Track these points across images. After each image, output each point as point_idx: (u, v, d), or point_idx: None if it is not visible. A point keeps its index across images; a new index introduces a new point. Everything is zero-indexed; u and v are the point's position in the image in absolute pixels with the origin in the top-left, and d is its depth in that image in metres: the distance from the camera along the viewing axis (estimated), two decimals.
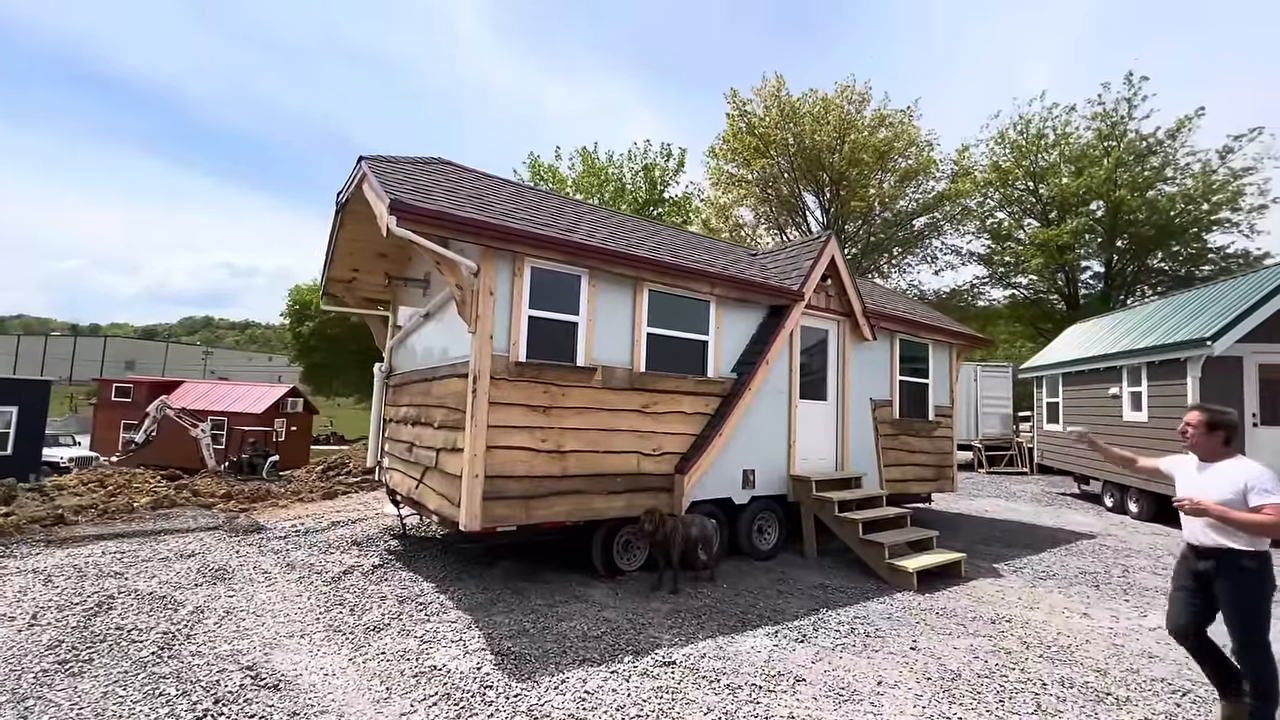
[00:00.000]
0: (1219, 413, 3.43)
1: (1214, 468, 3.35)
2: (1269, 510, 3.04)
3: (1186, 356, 9.16)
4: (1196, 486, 3.34)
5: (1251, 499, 3.11)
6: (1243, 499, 3.13)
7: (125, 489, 9.57)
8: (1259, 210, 23.97)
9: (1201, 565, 3.31)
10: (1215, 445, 3.39)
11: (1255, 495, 3.11)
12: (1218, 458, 3.38)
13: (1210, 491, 3.24)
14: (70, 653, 3.99)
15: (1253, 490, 3.12)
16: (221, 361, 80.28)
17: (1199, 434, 3.41)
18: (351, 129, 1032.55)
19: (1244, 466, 3.25)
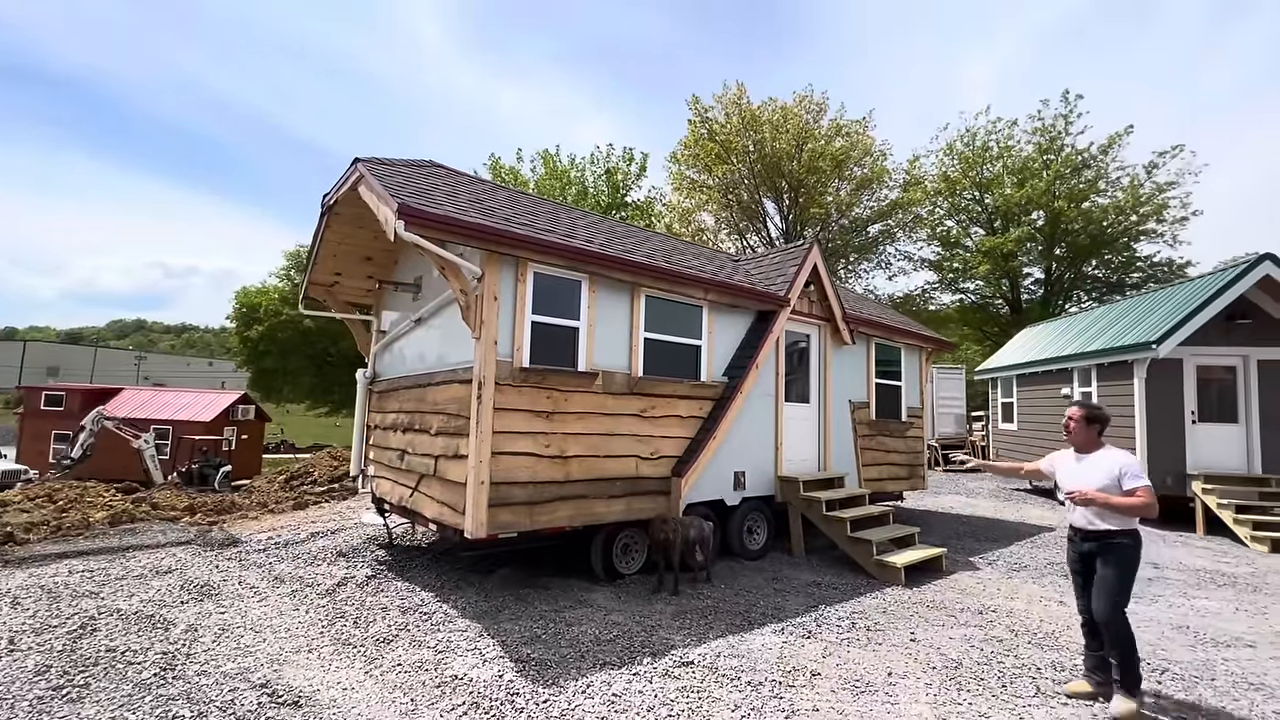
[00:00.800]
0: (1095, 408, 3.86)
1: (1090, 458, 3.76)
2: (1140, 493, 3.48)
3: (1133, 359, 9.84)
4: (1077, 476, 3.74)
5: (1125, 483, 3.54)
6: (1117, 484, 3.56)
7: (77, 504, 9.00)
8: (1181, 222, 25.84)
9: (1085, 547, 3.72)
10: (1092, 437, 3.79)
11: (1128, 480, 3.54)
12: (1093, 449, 3.79)
13: (1089, 479, 3.64)
14: (63, 678, 3.77)
15: (1125, 475, 3.55)
16: (157, 367, 75.93)
17: (1080, 427, 3.80)
18: (300, 126, 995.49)
19: (1115, 455, 3.68)
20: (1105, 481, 3.58)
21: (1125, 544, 3.59)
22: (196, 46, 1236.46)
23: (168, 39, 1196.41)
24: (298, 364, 34.43)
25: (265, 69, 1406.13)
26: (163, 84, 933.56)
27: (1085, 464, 3.75)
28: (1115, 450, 3.74)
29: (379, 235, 7.00)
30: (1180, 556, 7.84)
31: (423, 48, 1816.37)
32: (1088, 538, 3.71)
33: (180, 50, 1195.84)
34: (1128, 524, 3.58)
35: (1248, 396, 9.71)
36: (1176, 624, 5.27)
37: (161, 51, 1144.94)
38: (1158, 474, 9.60)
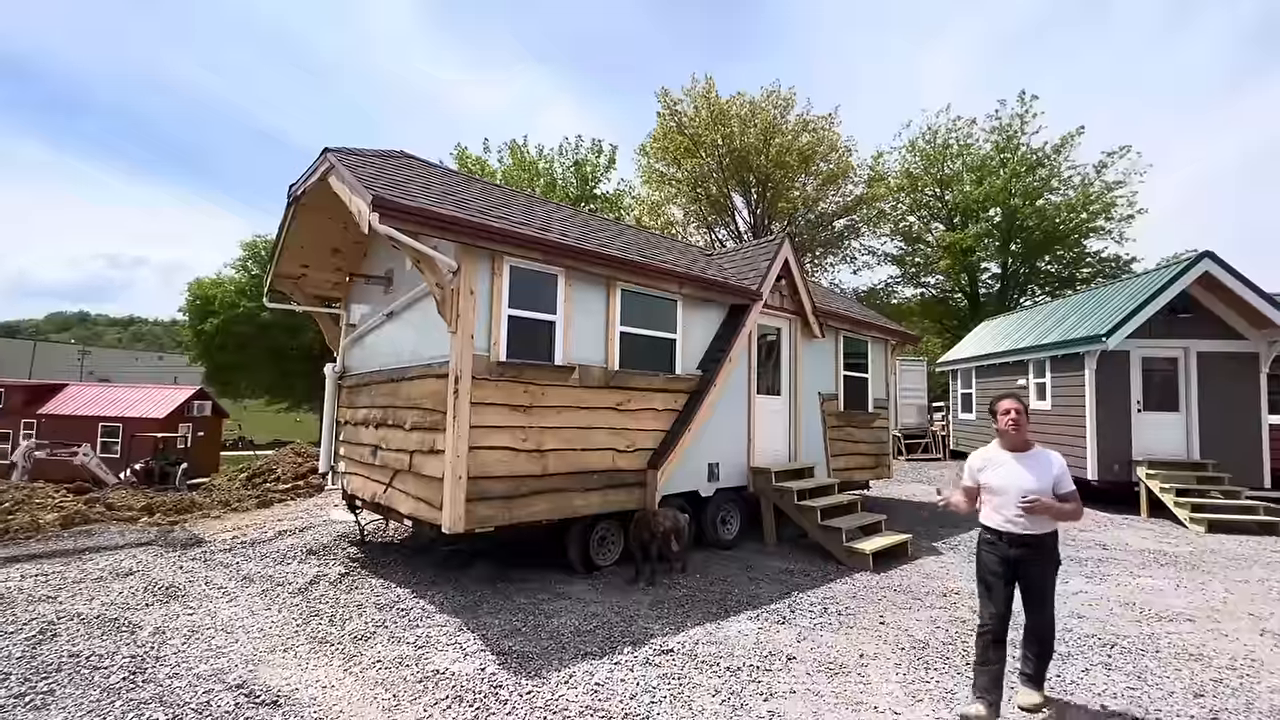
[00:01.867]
0: (1026, 399, 3.75)
1: (1027, 459, 3.45)
2: (1074, 499, 3.38)
3: (1084, 351, 10.31)
4: (1016, 479, 3.41)
5: (1061, 486, 3.37)
6: (1051, 482, 3.36)
7: (25, 506, 8.59)
8: (1128, 219, 27.07)
9: (1015, 552, 3.41)
10: (1026, 433, 3.51)
11: (1065, 483, 3.38)
12: (1027, 446, 3.50)
13: (1025, 481, 3.37)
14: (24, 685, 3.64)
15: (1062, 478, 3.39)
16: (102, 361, 72.43)
17: (1023, 420, 3.48)
18: (256, 113, 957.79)
19: (1052, 456, 3.47)
20: (1042, 484, 3.34)
21: (1053, 547, 3.47)
22: (138, 22, 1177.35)
23: (107, 12, 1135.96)
24: (255, 358, 33.30)
25: (218, 51, 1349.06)
26: (106, 62, 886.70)
27: (1023, 464, 3.43)
28: (1048, 450, 3.50)
29: (348, 227, 6.86)
30: (1126, 538, 8.29)
31: (383, 31, 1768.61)
32: (1018, 543, 3.40)
33: (118, 23, 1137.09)
34: (1053, 526, 3.44)
35: (1188, 386, 10.28)
36: (1124, 601, 5.59)
37: (98, 23, 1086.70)
38: (1106, 461, 10.11)
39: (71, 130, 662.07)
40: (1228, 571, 6.69)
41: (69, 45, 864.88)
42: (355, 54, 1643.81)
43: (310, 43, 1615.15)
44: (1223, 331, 10.34)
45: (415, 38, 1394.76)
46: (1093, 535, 8.42)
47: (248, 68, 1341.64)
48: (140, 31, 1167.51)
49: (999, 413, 3.52)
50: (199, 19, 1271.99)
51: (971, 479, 3.65)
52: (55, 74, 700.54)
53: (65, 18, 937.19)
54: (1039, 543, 3.41)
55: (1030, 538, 3.39)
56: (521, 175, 28.06)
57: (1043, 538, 3.41)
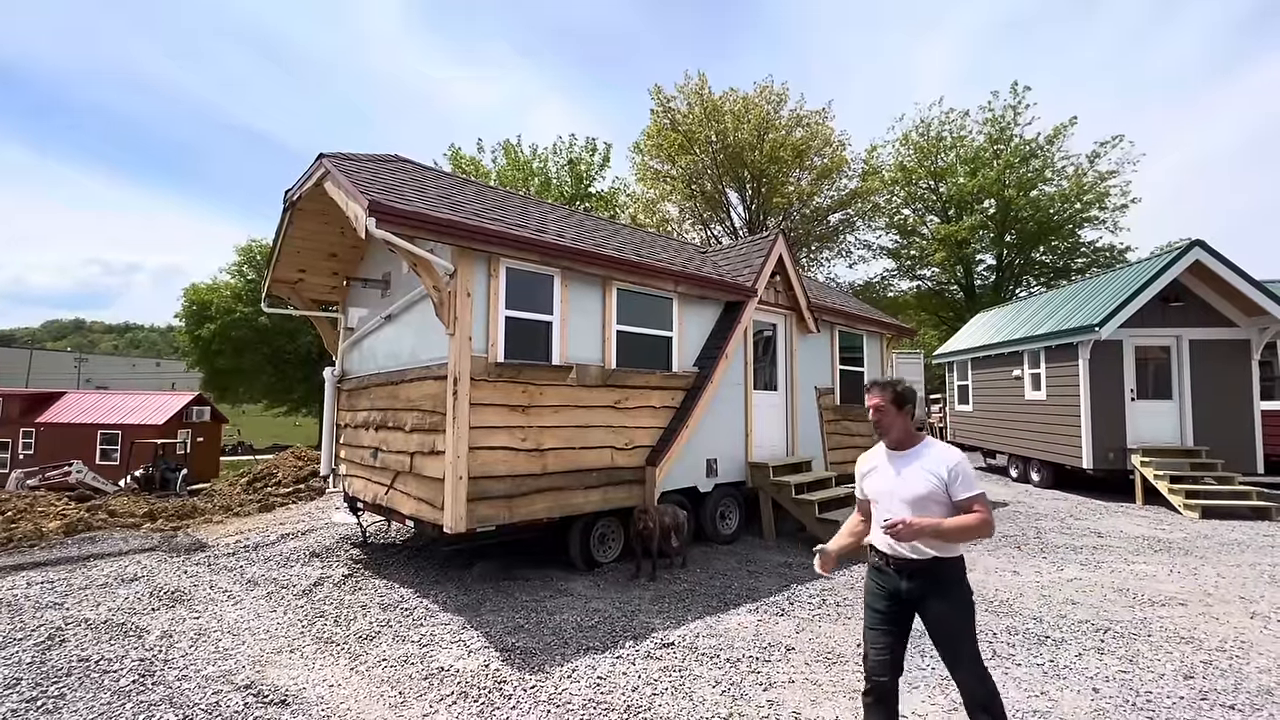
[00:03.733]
0: (899, 383, 2.78)
1: (908, 456, 2.68)
2: (977, 507, 2.51)
3: (1078, 341, 10.39)
4: (890, 483, 2.67)
5: (958, 492, 2.53)
6: (944, 492, 2.54)
7: (28, 514, 8.63)
8: (1121, 209, 27.16)
9: (906, 585, 2.59)
10: (906, 426, 2.73)
11: (962, 488, 2.53)
12: (910, 442, 2.71)
13: (910, 486, 2.61)
14: (35, 689, 3.69)
15: (957, 481, 2.54)
16: (100, 368, 72.34)
17: (890, 414, 2.71)
18: (248, 117, 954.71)
19: (942, 452, 2.64)
20: (930, 488, 2.56)
21: (959, 576, 2.59)
22: (128, 26, 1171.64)
23: (98, 18, 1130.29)
24: (253, 363, 33.33)
25: (211, 55, 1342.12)
26: (99, 68, 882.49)
27: (904, 465, 2.66)
28: (940, 446, 2.67)
29: (345, 231, 6.91)
30: (1121, 525, 8.38)
31: (375, 32, 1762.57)
32: (908, 570, 2.58)
33: (111, 29, 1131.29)
34: (954, 550, 2.60)
35: (1180, 374, 10.37)
36: (1118, 587, 5.67)
37: (90, 30, 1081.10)
38: (1101, 449, 10.20)
39: (57, 135, 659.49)
40: (1220, 556, 6.78)
41: (51, 47, 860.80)
42: (348, 54, 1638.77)
43: (301, 44, 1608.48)
44: (1214, 319, 10.43)
45: (406, 37, 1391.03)
46: (1087, 523, 8.51)
47: (238, 70, 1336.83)
48: (126, 34, 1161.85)
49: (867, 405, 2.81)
50: (187, 22, 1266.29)
51: (860, 490, 2.87)
52: (40, 78, 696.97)
53: (46, 18, 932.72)
54: (934, 571, 2.56)
55: (923, 565, 2.56)
56: (516, 175, 28.07)
57: (939, 565, 2.56)
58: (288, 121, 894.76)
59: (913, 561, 2.58)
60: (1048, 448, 11.34)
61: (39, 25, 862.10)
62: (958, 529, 2.47)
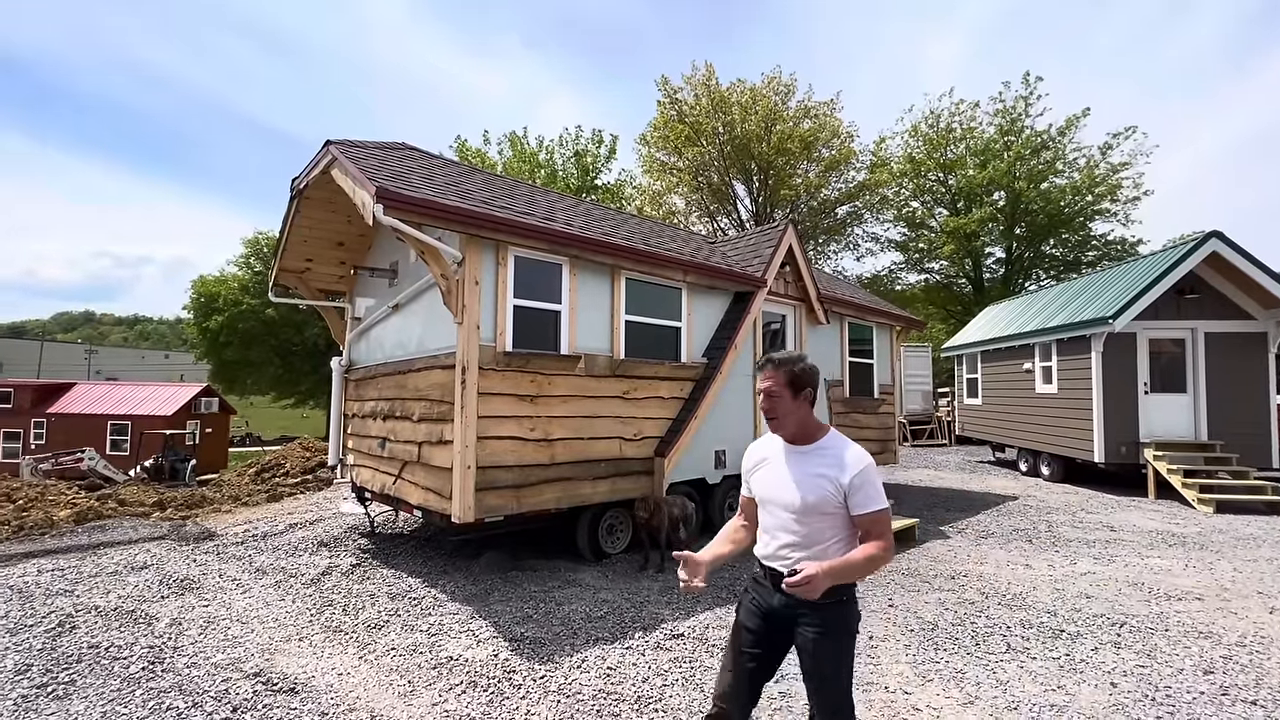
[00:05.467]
0: (798, 362, 2.18)
1: (806, 454, 2.17)
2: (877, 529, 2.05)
3: (1091, 333, 10.26)
4: (780, 485, 2.18)
5: (859, 504, 2.05)
6: (841, 500, 2.07)
7: (39, 503, 8.68)
8: (1134, 201, 26.82)
9: (780, 601, 2.14)
10: (805, 415, 2.19)
11: (864, 500, 2.05)
12: (808, 436, 2.19)
13: (799, 491, 2.12)
14: (46, 675, 3.69)
15: (859, 491, 2.05)
16: (109, 360, 72.93)
17: (785, 400, 2.16)
18: (254, 108, 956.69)
19: (845, 453, 2.12)
20: (818, 497, 2.08)
21: (841, 599, 2.10)
22: (139, 21, 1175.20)
23: (112, 15, 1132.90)
24: (261, 355, 33.49)
25: (217, 47, 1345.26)
26: (110, 64, 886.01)
27: (796, 466, 2.16)
28: (845, 445, 2.16)
29: (352, 220, 6.87)
30: (1134, 519, 8.29)
31: (381, 23, 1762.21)
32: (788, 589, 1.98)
33: (121, 24, 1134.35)
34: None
35: (1195, 367, 10.23)
36: (1132, 581, 5.60)
37: (103, 26, 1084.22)
38: (1113, 443, 10.09)
39: (70, 130, 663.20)
40: (1236, 551, 6.69)
41: (61, 42, 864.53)
42: (354, 45, 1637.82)
43: (307, 36, 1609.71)
44: (1231, 312, 10.28)
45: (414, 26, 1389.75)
46: (1100, 517, 8.43)
47: (242, 62, 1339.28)
48: (134, 28, 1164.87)
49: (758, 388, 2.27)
50: (194, 14, 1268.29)
51: (745, 486, 2.38)
52: (60, 76, 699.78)
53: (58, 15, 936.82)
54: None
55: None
56: (522, 167, 27.97)
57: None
58: (293, 113, 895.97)
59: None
60: (1058, 441, 11.23)
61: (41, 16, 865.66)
62: (867, 563, 1.99)
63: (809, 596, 1.92)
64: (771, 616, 2.18)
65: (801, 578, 1.89)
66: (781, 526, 2.17)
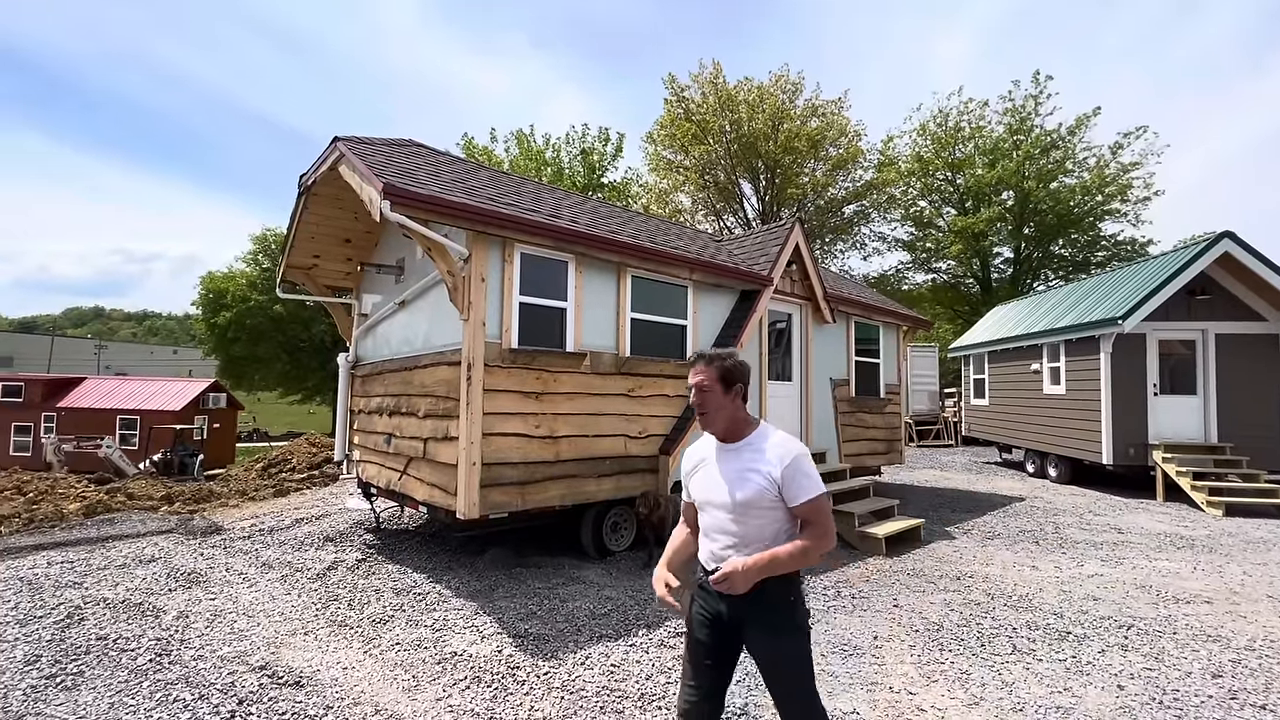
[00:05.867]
0: (728, 356, 2.18)
1: (738, 450, 2.13)
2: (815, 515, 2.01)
3: (1100, 334, 10.19)
4: (719, 487, 2.12)
5: (795, 493, 2.01)
6: (776, 492, 2.03)
7: (48, 496, 8.77)
8: (1144, 201, 26.62)
9: (726, 607, 2.09)
10: (735, 410, 2.16)
11: (798, 484, 2.01)
12: (739, 432, 2.16)
13: (734, 489, 2.08)
14: (55, 666, 3.73)
15: (794, 480, 2.01)
16: (118, 355, 73.43)
17: (716, 395, 2.13)
18: (263, 105, 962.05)
19: (776, 444, 2.10)
20: (755, 492, 2.04)
21: (788, 599, 2.07)
22: (152, 20, 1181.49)
23: (122, 13, 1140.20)
24: (268, 351, 33.62)
25: (227, 45, 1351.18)
26: (123, 62, 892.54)
27: (730, 464, 2.13)
28: (776, 436, 2.13)
29: (359, 216, 6.89)
30: (1142, 522, 8.23)
31: (391, 23, 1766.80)
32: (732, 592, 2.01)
33: (134, 23, 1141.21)
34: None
35: (1206, 369, 10.14)
36: (1140, 584, 5.55)
37: (115, 25, 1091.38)
38: (1121, 445, 10.01)
39: (83, 128, 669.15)
40: (1246, 554, 6.63)
41: (69, 38, 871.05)
42: (364, 44, 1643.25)
43: (316, 33, 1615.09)
44: (1242, 313, 10.18)
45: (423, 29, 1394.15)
46: (1107, 519, 8.37)
47: (256, 61, 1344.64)
48: (145, 25, 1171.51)
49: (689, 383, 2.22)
50: (204, 13, 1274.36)
51: (685, 491, 2.34)
52: (73, 73, 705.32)
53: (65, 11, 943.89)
54: (770, 586, 2.01)
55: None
56: (529, 165, 27.99)
57: (765, 583, 2.00)
58: (303, 111, 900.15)
59: None
60: (1066, 442, 11.16)
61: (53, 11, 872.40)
62: (797, 556, 1.96)
63: (733, 592, 1.95)
64: (720, 622, 2.13)
65: (721, 574, 1.92)
66: (719, 527, 2.12)
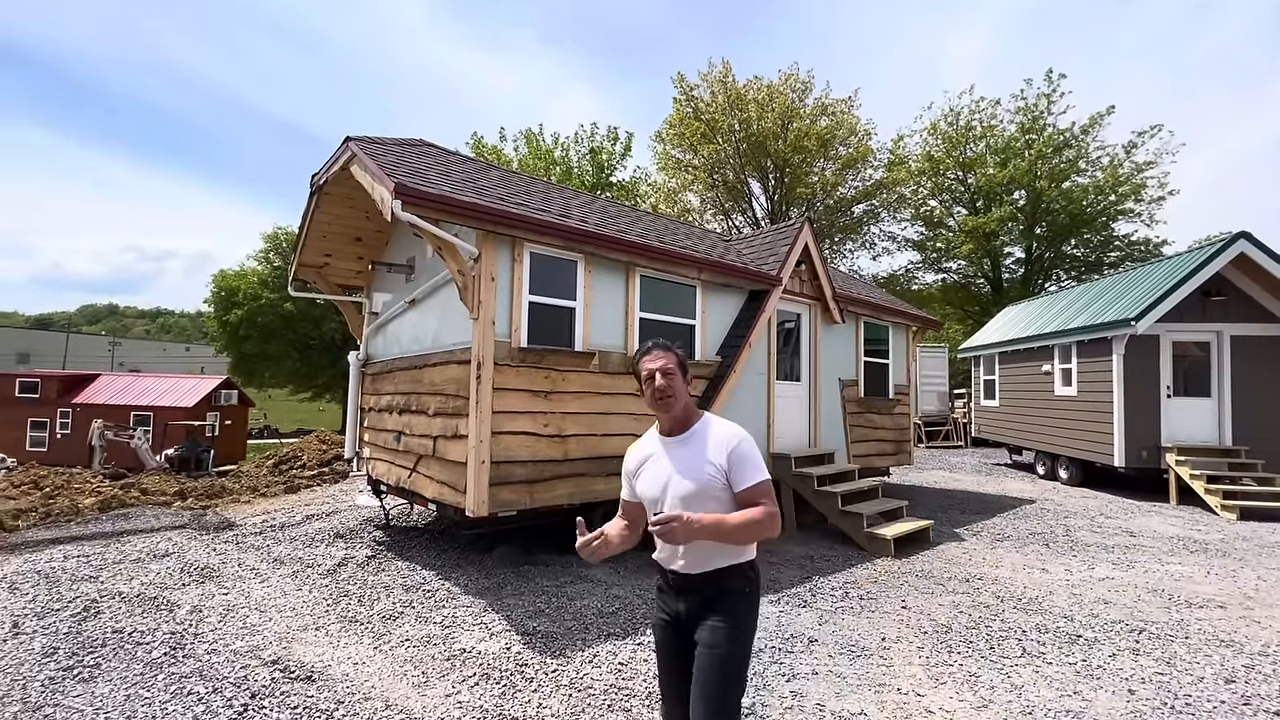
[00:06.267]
0: (678, 346, 2.18)
1: (686, 441, 2.08)
2: (763, 500, 1.95)
3: (1112, 335, 10.09)
4: (662, 476, 2.06)
5: (741, 478, 1.97)
6: (723, 479, 1.99)
7: (64, 490, 8.89)
8: (1158, 201, 26.30)
9: (683, 606, 2.03)
10: (688, 398, 2.14)
11: (743, 470, 1.98)
12: (689, 421, 2.11)
13: (686, 480, 2.01)
14: (72, 659, 3.79)
15: (740, 463, 1.98)
16: (131, 353, 74.32)
17: (678, 380, 2.09)
18: (274, 106, 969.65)
19: (722, 431, 2.07)
20: (706, 480, 1.99)
21: (743, 591, 2.01)
22: (167, 21, 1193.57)
23: (137, 13, 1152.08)
24: (279, 348, 33.91)
25: (239, 46, 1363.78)
26: (138, 63, 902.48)
27: (680, 455, 2.06)
28: (719, 424, 2.10)
29: (370, 215, 6.94)
30: (1155, 525, 8.15)
31: (399, 21, 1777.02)
32: (686, 586, 2.03)
33: (149, 24, 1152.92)
34: (744, 554, 2.03)
35: (1220, 371, 10.03)
36: (1152, 587, 5.51)
37: (130, 25, 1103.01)
38: (1134, 447, 9.92)
39: (100, 127, 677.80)
40: (1260, 559, 6.56)
41: (83, 38, 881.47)
42: (372, 40, 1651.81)
43: (327, 32, 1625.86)
44: (1258, 314, 10.05)
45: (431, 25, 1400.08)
46: (1119, 522, 8.30)
47: (264, 59, 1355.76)
48: (156, 26, 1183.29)
49: (644, 379, 2.11)
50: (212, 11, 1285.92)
51: (628, 490, 2.24)
52: (86, 73, 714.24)
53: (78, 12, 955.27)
54: (721, 580, 1.99)
55: (704, 577, 2.00)
56: (538, 164, 28.04)
57: (724, 575, 1.99)
58: (315, 111, 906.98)
59: (686, 577, 2.01)
60: (1077, 444, 11.07)
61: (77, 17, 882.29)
62: (743, 526, 1.89)
63: (671, 541, 1.89)
64: (679, 623, 2.06)
65: (664, 516, 1.82)
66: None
